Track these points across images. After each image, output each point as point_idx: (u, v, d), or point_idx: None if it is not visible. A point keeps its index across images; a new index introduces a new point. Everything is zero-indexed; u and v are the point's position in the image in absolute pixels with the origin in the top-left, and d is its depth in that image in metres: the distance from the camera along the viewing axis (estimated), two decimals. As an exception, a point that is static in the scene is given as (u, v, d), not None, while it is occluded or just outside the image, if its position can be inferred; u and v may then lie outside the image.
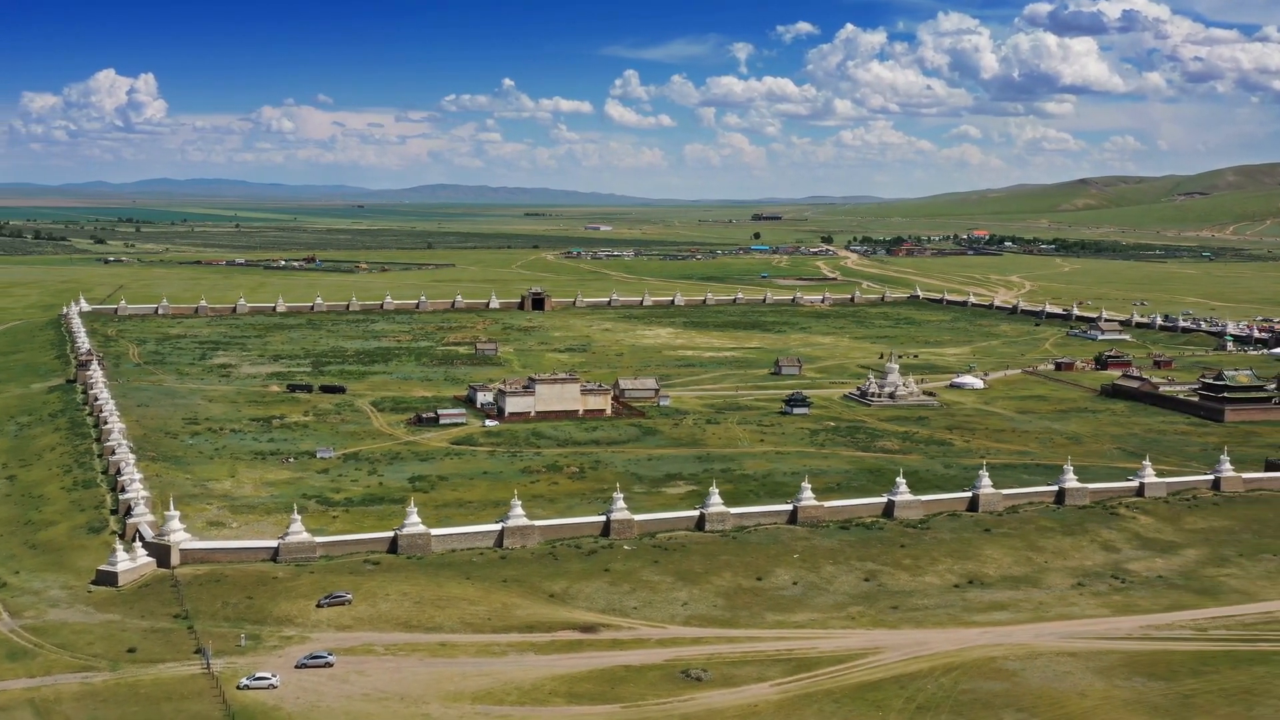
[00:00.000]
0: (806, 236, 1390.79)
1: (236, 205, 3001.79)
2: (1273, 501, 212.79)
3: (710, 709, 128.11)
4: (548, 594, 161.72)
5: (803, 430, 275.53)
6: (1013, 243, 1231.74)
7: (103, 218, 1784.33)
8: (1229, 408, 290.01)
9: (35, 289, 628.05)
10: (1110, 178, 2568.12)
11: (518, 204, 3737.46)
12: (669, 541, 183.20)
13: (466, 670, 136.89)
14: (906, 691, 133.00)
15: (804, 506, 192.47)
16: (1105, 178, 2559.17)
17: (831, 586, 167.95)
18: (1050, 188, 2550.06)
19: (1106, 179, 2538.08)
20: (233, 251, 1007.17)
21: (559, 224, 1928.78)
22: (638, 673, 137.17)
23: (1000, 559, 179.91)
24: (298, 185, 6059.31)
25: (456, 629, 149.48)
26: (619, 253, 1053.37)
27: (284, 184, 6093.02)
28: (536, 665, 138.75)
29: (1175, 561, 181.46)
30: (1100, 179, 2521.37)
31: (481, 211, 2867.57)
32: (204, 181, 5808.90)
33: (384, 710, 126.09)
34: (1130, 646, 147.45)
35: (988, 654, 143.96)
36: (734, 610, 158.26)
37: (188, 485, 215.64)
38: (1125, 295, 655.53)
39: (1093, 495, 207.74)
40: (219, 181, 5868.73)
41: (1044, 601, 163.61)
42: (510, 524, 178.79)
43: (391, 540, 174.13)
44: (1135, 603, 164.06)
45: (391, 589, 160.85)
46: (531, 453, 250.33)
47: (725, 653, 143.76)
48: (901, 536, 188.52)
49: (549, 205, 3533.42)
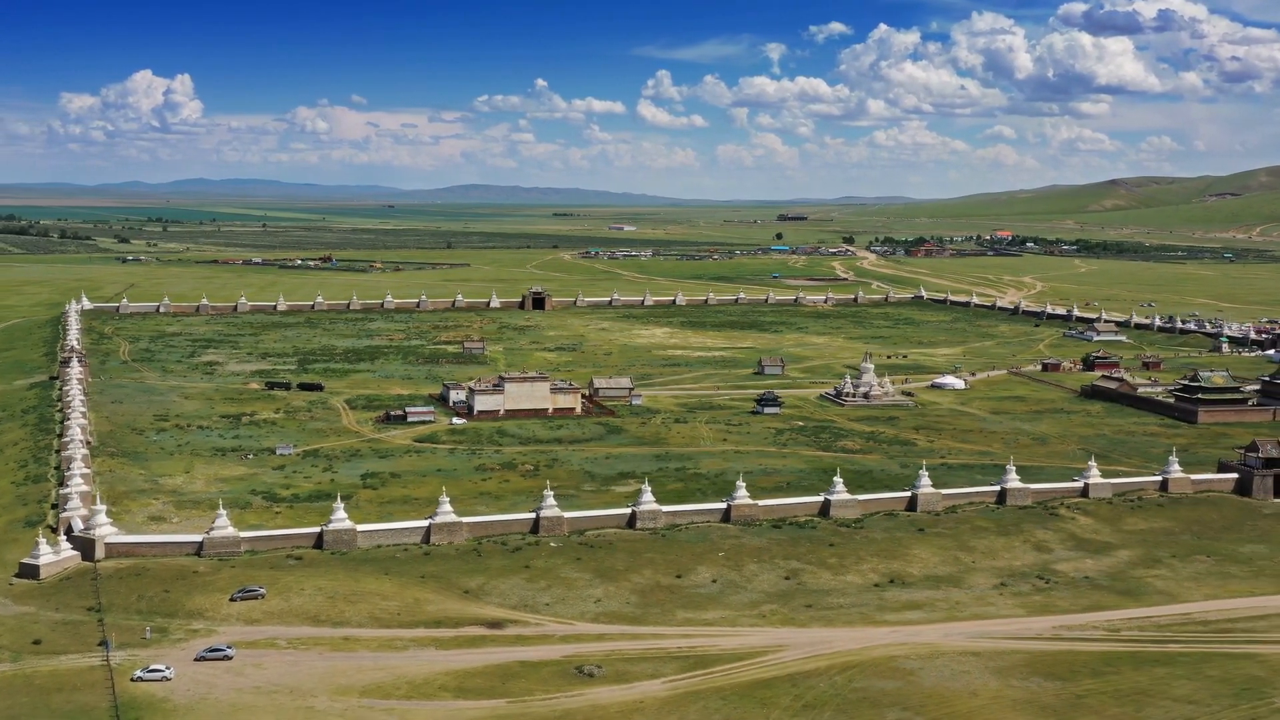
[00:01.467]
0: (829, 237, 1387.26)
1: (270, 205, 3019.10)
2: (1220, 503, 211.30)
3: (595, 705, 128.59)
4: (463, 590, 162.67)
5: (769, 430, 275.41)
6: (1034, 243, 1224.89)
7: (133, 217, 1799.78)
8: (1202, 409, 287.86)
9: (46, 287, 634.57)
10: (1142, 178, 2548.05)
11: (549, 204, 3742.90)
12: (597, 539, 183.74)
13: (363, 664, 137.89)
14: (797, 689, 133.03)
15: (738, 505, 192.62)
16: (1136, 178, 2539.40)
17: (751, 585, 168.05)
18: (1080, 188, 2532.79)
19: (1138, 179, 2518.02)
20: (256, 251, 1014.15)
21: (584, 224, 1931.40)
22: (533, 668, 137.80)
23: (927, 559, 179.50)
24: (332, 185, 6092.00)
25: (364, 624, 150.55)
26: (636, 253, 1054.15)
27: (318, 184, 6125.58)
28: (434, 660, 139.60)
29: (1105, 562, 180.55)
30: (1131, 180, 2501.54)
31: (511, 212, 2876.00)
32: (239, 182, 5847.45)
33: (269, 703, 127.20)
34: (1037, 647, 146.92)
35: (889, 653, 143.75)
36: (646, 608, 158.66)
37: (139, 480, 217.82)
38: (1135, 296, 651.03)
39: (1035, 496, 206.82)
40: (253, 181, 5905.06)
41: (961, 601, 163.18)
42: (438, 521, 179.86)
43: (317, 536, 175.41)
44: (1054, 603, 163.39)
45: (308, 584, 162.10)
46: (492, 450, 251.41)
47: (626, 649, 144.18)
48: (833, 536, 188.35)
49: (581, 206, 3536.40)
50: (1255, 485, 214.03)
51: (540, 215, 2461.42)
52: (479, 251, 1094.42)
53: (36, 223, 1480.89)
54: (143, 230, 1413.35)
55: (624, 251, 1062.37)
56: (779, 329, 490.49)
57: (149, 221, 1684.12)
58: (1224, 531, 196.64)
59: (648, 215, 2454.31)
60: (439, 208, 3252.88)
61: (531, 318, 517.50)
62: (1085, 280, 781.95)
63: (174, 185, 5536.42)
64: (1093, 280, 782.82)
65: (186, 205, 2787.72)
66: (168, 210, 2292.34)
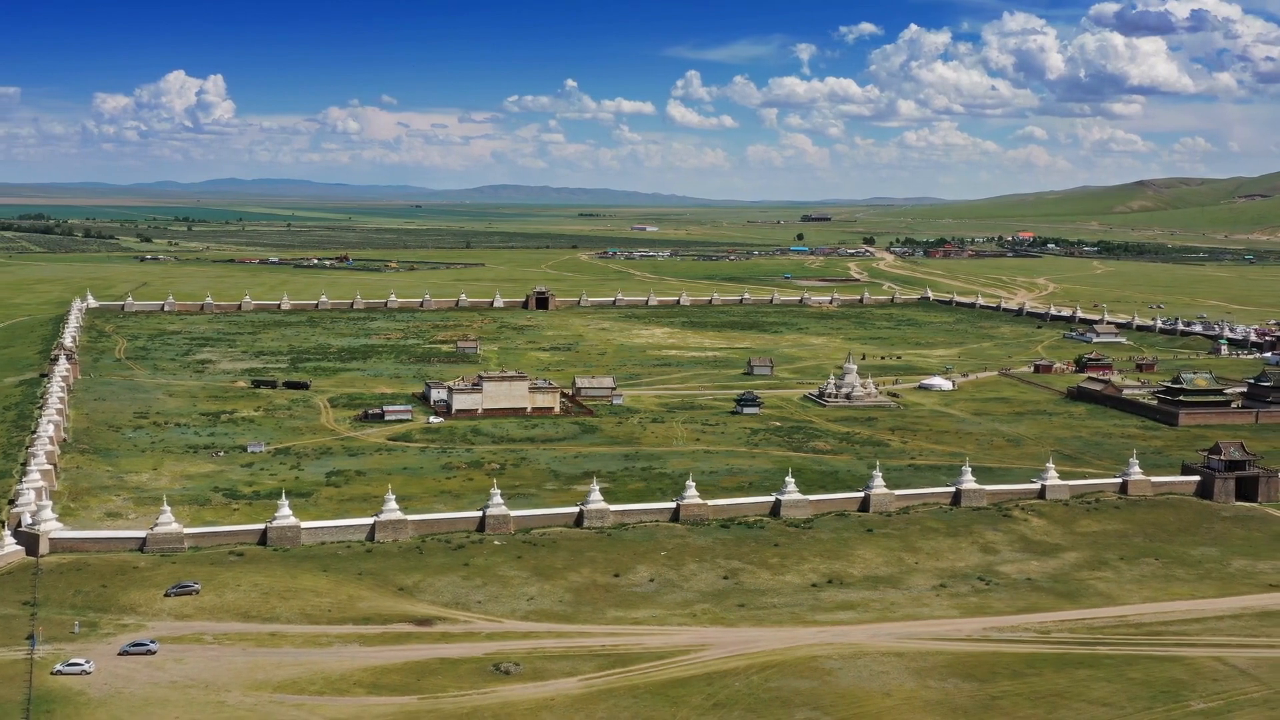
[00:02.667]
0: (850, 238, 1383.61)
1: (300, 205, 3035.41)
2: (1179, 505, 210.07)
3: (506, 702, 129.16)
4: (398, 587, 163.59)
5: (744, 430, 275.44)
6: (1055, 245, 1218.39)
7: (160, 217, 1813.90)
8: (1183, 411, 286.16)
9: (59, 285, 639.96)
10: (1171, 179, 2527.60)
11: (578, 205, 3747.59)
12: (542, 538, 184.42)
13: (284, 660, 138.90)
14: (712, 688, 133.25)
15: (686, 505, 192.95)
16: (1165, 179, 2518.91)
17: (688, 584, 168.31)
18: (1107, 190, 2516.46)
19: (1166, 181, 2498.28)
20: (277, 251, 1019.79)
21: (608, 224, 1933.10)
22: (452, 665, 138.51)
23: (870, 559, 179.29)
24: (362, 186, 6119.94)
25: (293, 620, 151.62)
26: (654, 253, 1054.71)
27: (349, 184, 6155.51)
28: (356, 657, 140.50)
29: (1051, 564, 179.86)
30: (1160, 181, 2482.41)
31: (538, 212, 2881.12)
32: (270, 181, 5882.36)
33: (182, 697, 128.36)
34: (963, 648, 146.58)
35: (812, 653, 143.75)
36: (578, 606, 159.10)
37: (104, 477, 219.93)
38: (1147, 298, 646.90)
39: (991, 497, 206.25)
40: (285, 181, 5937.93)
41: (896, 602, 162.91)
42: (382, 518, 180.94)
43: (262, 533, 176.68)
44: (990, 604, 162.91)
45: (244, 580, 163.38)
46: (463, 449, 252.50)
47: (549, 648, 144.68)
48: (780, 536, 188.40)
49: (609, 206, 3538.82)
50: (1216, 488, 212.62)
51: (566, 216, 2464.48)
52: (496, 251, 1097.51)
53: (63, 222, 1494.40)
54: (168, 229, 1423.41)
55: (642, 252, 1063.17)
56: (779, 329, 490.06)
57: (175, 221, 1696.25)
58: (1178, 534, 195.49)
59: (673, 216, 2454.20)
60: (466, 208, 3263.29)
61: (533, 317, 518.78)
62: (1100, 282, 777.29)
63: (206, 185, 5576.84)
64: (1107, 282, 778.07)
65: (217, 205, 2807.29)
66: (196, 210, 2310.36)
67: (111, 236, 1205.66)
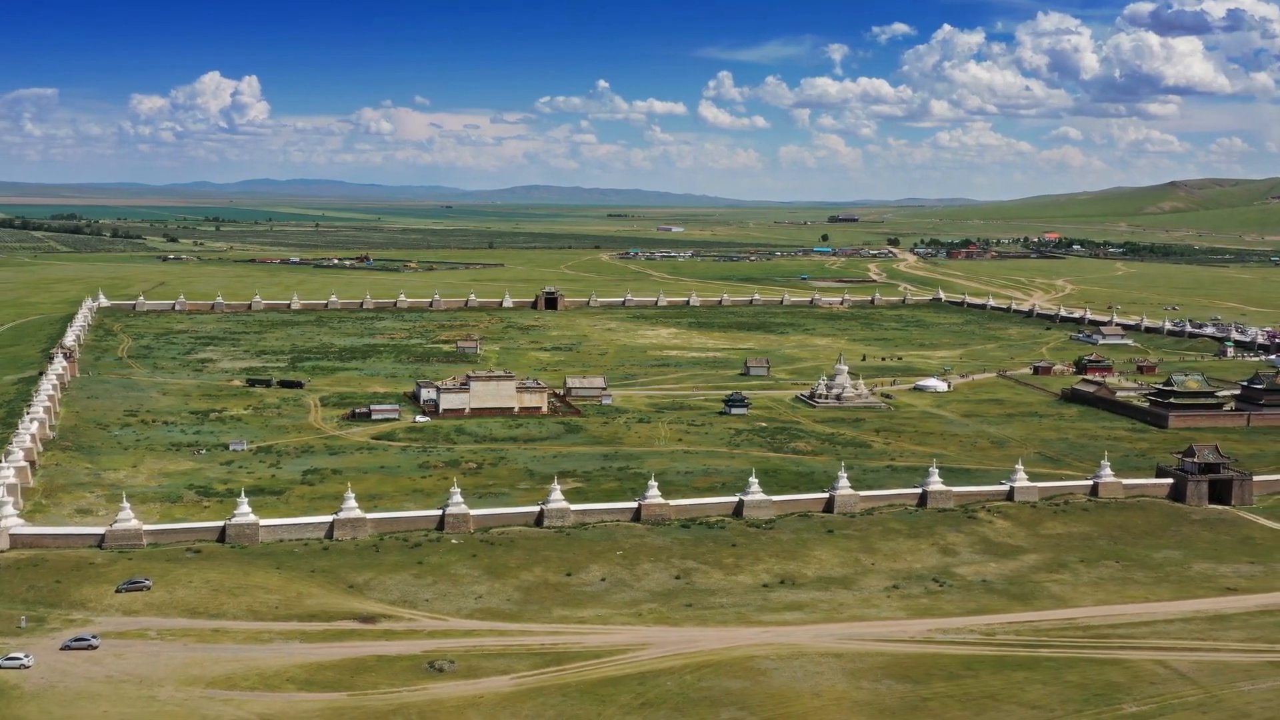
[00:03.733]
0: (875, 239, 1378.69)
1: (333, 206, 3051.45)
2: (1149, 508, 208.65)
3: (434, 699, 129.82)
4: (348, 585, 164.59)
5: (729, 430, 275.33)
6: (1081, 246, 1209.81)
7: (191, 217, 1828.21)
8: (1173, 413, 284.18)
9: (78, 285, 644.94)
10: (1204, 180, 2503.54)
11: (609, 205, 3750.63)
12: (500, 536, 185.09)
13: (222, 656, 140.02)
14: (643, 688, 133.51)
15: (648, 504, 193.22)
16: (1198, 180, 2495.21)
17: (639, 583, 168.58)
18: (1138, 190, 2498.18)
19: (1199, 181, 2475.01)
20: (302, 251, 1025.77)
21: (634, 225, 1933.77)
22: (388, 662, 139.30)
23: (826, 560, 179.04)
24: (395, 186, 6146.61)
25: (239, 616, 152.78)
26: (675, 254, 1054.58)
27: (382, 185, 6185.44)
28: (294, 653, 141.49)
29: (1009, 566, 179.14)
30: (1192, 182, 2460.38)
31: (568, 212, 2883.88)
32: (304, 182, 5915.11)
33: (114, 691, 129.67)
34: (903, 649, 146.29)
35: (750, 653, 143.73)
36: (525, 605, 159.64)
37: (81, 474, 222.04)
38: (1164, 300, 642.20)
39: (958, 498, 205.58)
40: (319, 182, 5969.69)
41: (845, 603, 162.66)
42: (341, 516, 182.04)
43: (221, 530, 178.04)
44: (940, 606, 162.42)
45: (197, 576, 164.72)
46: (443, 448, 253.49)
47: (488, 646, 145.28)
48: (739, 536, 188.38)
49: (640, 207, 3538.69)
50: (1189, 491, 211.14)
51: (595, 216, 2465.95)
52: (519, 252, 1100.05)
53: (94, 222, 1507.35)
54: (196, 230, 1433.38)
55: (663, 253, 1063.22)
56: (785, 330, 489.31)
57: (205, 221, 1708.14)
58: (1144, 537, 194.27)
59: (702, 217, 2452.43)
60: (496, 208, 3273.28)
61: (541, 318, 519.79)
62: (1119, 283, 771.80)
63: (241, 185, 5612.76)
64: (1127, 283, 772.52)
65: (250, 205, 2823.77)
66: (228, 210, 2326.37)
67: (139, 236, 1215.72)
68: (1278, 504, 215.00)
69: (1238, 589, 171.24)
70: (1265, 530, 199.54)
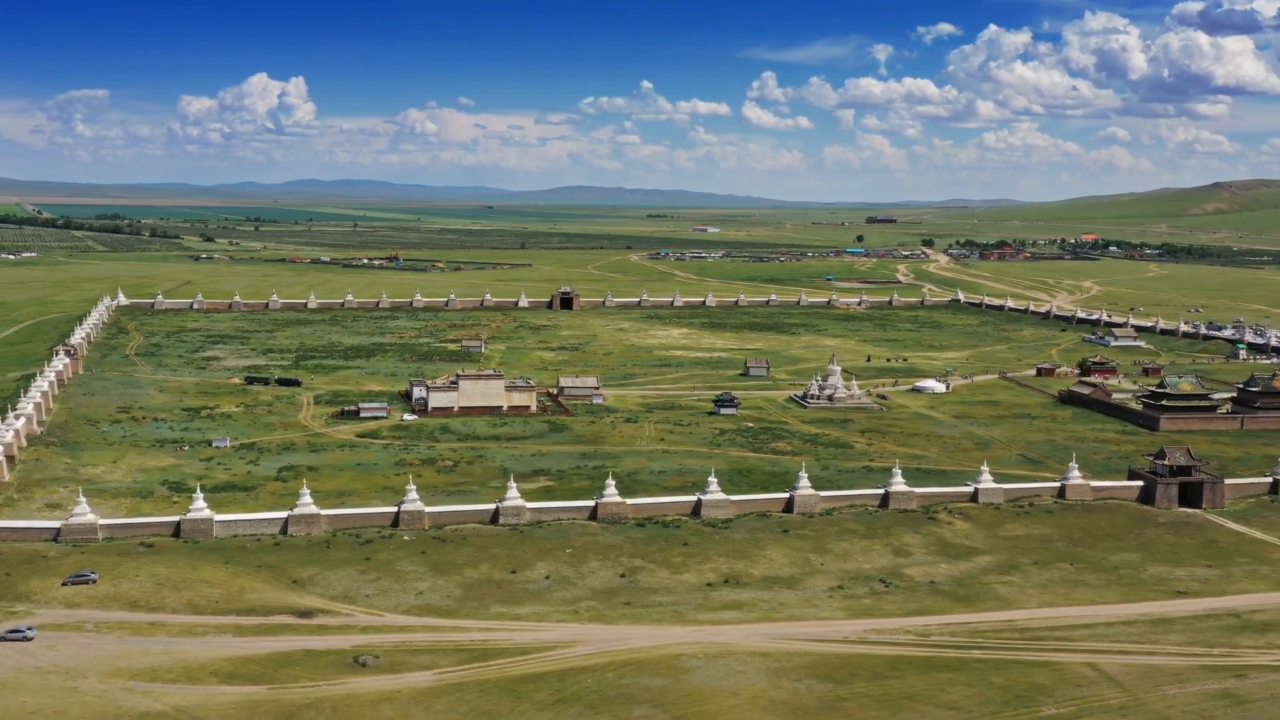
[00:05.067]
0: (911, 240, 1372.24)
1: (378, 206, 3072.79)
2: (1115, 510, 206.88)
3: (350, 694, 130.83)
4: (292, 580, 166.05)
5: (714, 430, 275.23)
6: (1117, 247, 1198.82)
7: (233, 217, 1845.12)
8: (1164, 416, 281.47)
9: (105, 284, 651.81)
10: (1250, 181, 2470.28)
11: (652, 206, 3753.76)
12: (453, 534, 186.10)
13: (152, 649, 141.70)
14: (562, 684, 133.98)
15: (604, 503, 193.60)
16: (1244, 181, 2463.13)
17: (583, 581, 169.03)
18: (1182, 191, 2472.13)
19: (1245, 183, 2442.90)
20: (337, 251, 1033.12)
21: (671, 226, 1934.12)
22: (315, 657, 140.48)
23: (776, 560, 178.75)
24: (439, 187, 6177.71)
25: (178, 610, 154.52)
26: (706, 254, 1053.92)
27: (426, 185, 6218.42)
28: (224, 647, 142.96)
29: (960, 568, 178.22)
30: (1238, 183, 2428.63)
31: (609, 213, 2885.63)
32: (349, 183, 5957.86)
33: (38, 682, 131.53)
34: (834, 649, 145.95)
35: (678, 652, 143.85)
36: (464, 601, 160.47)
37: (59, 469, 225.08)
38: (1189, 301, 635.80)
39: (921, 499, 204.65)
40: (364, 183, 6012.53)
41: (786, 603, 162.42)
42: (296, 512, 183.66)
43: (176, 525, 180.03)
44: (881, 606, 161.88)
45: (144, 570, 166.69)
46: (425, 446, 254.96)
47: (418, 641, 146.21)
48: (693, 535, 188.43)
49: (683, 208, 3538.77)
50: (1159, 493, 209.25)
51: (635, 217, 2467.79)
52: (549, 252, 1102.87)
53: (136, 222, 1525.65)
54: (236, 230, 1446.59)
55: (694, 253, 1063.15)
56: (797, 331, 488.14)
57: (245, 221, 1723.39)
58: (1105, 539, 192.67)
59: (741, 218, 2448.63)
60: (538, 209, 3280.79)
61: (554, 317, 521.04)
62: (1147, 285, 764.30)
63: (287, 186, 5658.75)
64: (1155, 285, 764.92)
65: (294, 206, 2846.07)
66: (271, 210, 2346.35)
67: (177, 236, 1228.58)
68: (1249, 507, 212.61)
69: (1188, 592, 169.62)
70: (1229, 534, 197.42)
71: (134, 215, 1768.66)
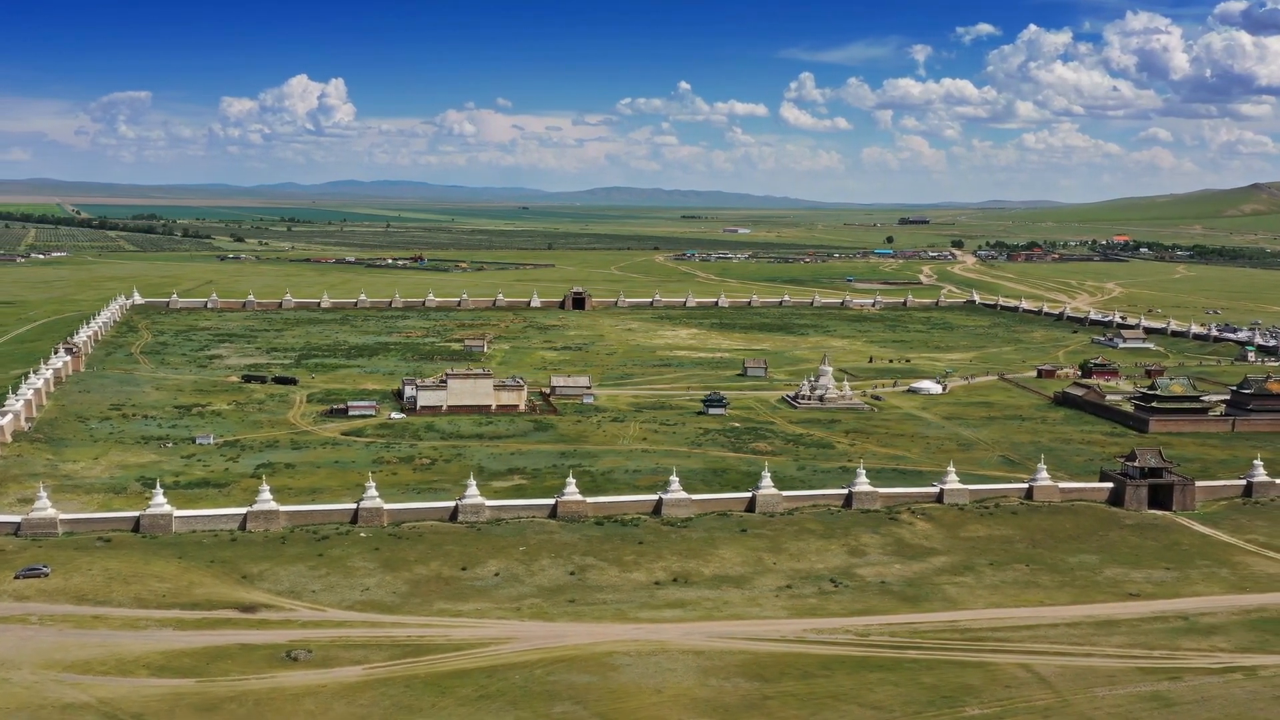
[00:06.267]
0: (941, 240, 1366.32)
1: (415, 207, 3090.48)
2: (1082, 512, 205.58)
3: (276, 688, 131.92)
4: (242, 575, 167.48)
5: (699, 430, 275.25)
6: (1148, 249, 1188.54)
7: (267, 217, 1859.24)
8: (1154, 418, 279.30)
9: (128, 283, 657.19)
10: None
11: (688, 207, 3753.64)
12: (411, 531, 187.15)
13: (89, 642, 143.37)
14: (489, 680, 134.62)
15: (564, 501, 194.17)
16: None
17: (531, 579, 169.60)
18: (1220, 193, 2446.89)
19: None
20: (368, 251, 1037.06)
21: (703, 226, 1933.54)
22: (249, 651, 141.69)
23: (729, 559, 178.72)
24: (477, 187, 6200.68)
25: (124, 604, 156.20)
26: (731, 255, 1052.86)
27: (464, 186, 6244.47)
28: (162, 640, 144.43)
29: (914, 568, 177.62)
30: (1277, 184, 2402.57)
31: (644, 214, 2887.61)
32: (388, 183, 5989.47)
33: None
34: (769, 648, 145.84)
35: (612, 649, 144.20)
36: (409, 598, 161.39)
37: (38, 465, 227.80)
38: (1209, 303, 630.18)
39: (885, 500, 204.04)
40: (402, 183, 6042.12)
41: (730, 602, 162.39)
42: (255, 508, 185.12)
43: (135, 520, 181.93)
44: (826, 606, 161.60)
45: (97, 565, 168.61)
46: (407, 444, 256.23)
47: (356, 637, 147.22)
48: (650, 534, 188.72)
49: (720, 209, 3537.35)
50: (1128, 495, 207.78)
51: (669, 218, 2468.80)
52: (576, 253, 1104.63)
53: (171, 222, 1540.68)
54: (269, 230, 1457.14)
55: (719, 254, 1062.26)
56: (806, 331, 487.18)
57: (279, 221, 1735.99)
58: (1067, 541, 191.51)
59: (775, 219, 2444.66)
60: (573, 209, 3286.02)
61: (564, 318, 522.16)
62: (1171, 286, 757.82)
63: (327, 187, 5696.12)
64: (1179, 287, 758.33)
65: (332, 206, 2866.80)
66: (307, 211, 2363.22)
67: (208, 236, 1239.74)
68: (1220, 510, 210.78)
69: (1140, 595, 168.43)
70: (1195, 536, 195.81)
71: (172, 215, 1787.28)
